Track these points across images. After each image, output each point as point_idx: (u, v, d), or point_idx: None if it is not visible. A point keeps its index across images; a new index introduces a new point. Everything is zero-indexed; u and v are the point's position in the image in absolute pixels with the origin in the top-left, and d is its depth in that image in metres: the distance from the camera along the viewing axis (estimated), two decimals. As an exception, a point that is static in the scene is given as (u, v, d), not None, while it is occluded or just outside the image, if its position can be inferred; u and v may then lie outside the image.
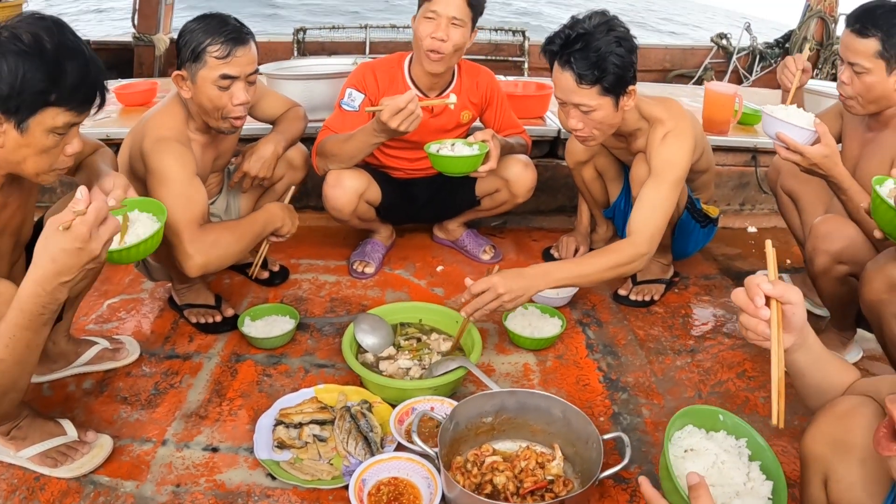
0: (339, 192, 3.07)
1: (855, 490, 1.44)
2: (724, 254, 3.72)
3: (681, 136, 2.69)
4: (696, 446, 1.52)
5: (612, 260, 2.59)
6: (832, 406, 1.51)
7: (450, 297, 3.19)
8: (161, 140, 2.49)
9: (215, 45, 2.44)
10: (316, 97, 3.74)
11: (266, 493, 2.06)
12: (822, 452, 1.49)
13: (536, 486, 1.93)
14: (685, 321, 3.07)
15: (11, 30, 1.71)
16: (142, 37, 6.39)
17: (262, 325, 2.78)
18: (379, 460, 2.04)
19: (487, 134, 2.96)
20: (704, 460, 1.48)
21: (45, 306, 1.69)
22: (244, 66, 2.51)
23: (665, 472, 1.42)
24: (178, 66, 2.54)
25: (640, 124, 2.79)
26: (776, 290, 1.44)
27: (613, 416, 2.43)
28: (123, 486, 2.07)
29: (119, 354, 2.63)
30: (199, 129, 2.65)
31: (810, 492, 1.54)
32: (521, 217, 4.04)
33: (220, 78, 2.47)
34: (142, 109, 4.11)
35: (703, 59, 7.06)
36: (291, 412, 2.26)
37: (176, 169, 2.46)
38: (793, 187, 2.98)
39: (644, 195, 2.68)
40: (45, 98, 1.73)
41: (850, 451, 1.44)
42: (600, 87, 2.51)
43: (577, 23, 2.54)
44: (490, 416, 2.15)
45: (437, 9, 2.89)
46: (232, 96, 2.51)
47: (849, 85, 2.49)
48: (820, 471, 1.50)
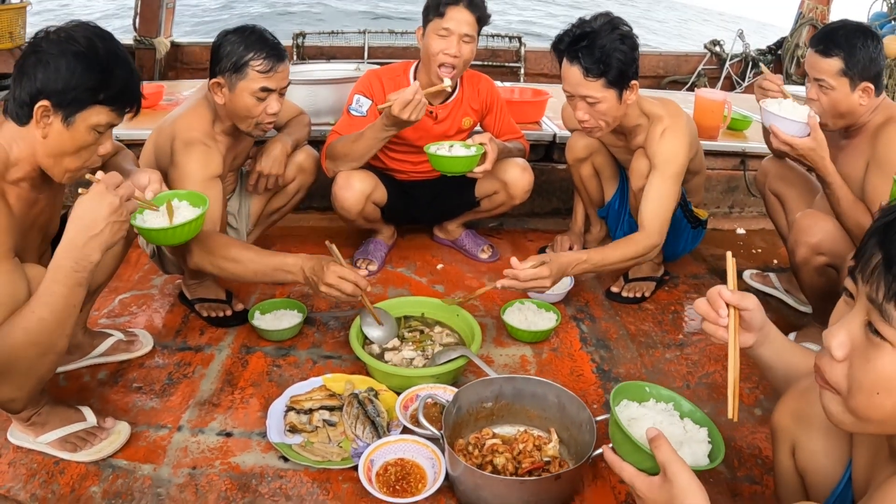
0: (348, 194, 3.18)
1: (817, 456, 1.56)
2: (712, 254, 3.83)
3: (678, 132, 2.87)
4: (634, 415, 1.67)
5: (631, 251, 2.85)
6: (797, 384, 1.64)
7: (449, 293, 3.29)
8: (191, 142, 2.61)
9: (258, 60, 2.58)
10: (320, 101, 3.85)
11: (279, 473, 2.15)
12: (787, 424, 1.62)
13: (534, 466, 2.04)
14: (675, 317, 3.18)
15: (68, 32, 1.87)
16: (143, 40, 6.43)
17: (271, 319, 2.88)
18: (386, 442, 2.16)
19: (485, 137, 3.07)
20: (646, 424, 1.62)
21: (77, 262, 1.84)
22: (281, 80, 2.67)
23: (620, 437, 1.55)
24: (212, 73, 2.65)
25: (640, 121, 2.94)
26: (734, 298, 1.57)
27: (606, 404, 2.54)
28: (141, 469, 2.14)
29: (133, 346, 2.72)
30: (224, 131, 2.77)
31: (780, 459, 1.66)
32: (518, 219, 4.15)
33: (259, 90, 2.61)
34: (149, 112, 4.20)
35: (696, 66, 7.11)
36: (302, 399, 2.36)
37: (197, 170, 2.57)
38: (779, 189, 3.10)
39: (649, 191, 2.89)
40: (96, 96, 1.89)
41: (811, 422, 1.56)
42: (605, 81, 2.71)
43: (584, 23, 2.75)
44: (490, 402, 2.26)
45: (451, 26, 3.00)
46: (266, 106, 2.66)
47: (816, 101, 2.63)
48: (787, 441, 1.63)
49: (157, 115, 4.00)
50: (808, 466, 1.59)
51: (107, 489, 2.07)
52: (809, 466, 1.58)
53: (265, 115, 2.67)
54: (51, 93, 1.85)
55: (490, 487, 1.93)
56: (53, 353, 1.89)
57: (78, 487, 2.07)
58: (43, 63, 1.85)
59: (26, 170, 1.98)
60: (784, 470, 1.67)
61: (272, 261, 2.56)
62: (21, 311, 1.81)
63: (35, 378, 1.90)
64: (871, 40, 2.53)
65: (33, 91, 1.86)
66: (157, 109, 4.27)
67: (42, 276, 1.86)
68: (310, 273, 2.50)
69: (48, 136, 1.91)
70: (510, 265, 2.64)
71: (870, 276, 1.11)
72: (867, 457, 1.42)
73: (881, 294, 1.08)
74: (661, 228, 2.88)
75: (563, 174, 4.10)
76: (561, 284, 3.20)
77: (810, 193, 3.03)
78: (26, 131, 1.92)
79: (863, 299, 1.14)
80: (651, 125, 2.92)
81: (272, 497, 2.07)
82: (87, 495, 2.04)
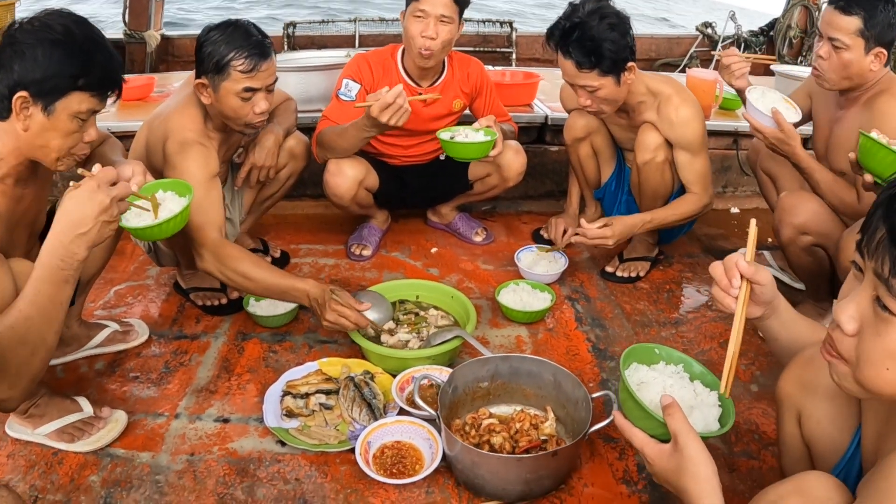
0: (339, 180, 3.18)
1: (824, 424, 1.55)
2: (707, 234, 3.84)
3: (692, 106, 2.95)
4: (644, 379, 1.67)
5: (689, 210, 3.08)
6: (803, 352, 1.63)
7: (444, 276, 3.29)
8: (186, 143, 2.55)
9: (240, 60, 2.50)
10: (311, 89, 3.85)
11: (276, 458, 2.16)
12: (792, 392, 1.61)
13: (531, 444, 2.05)
14: (670, 296, 3.18)
15: (42, 20, 1.85)
16: (133, 34, 6.38)
17: (266, 305, 2.87)
18: (382, 424, 2.16)
19: (490, 120, 3.08)
20: (656, 388, 1.62)
21: (63, 259, 1.77)
22: (266, 78, 2.58)
23: (631, 403, 1.55)
24: (198, 73, 2.59)
25: (644, 97, 2.98)
26: (749, 270, 1.54)
27: (602, 382, 2.55)
28: (139, 457, 2.15)
29: (129, 336, 2.71)
30: (216, 129, 2.73)
31: (785, 429, 1.65)
32: (511, 201, 4.14)
33: (243, 91, 2.54)
34: (140, 104, 4.22)
35: (688, 48, 7.08)
36: (298, 383, 2.36)
37: (196, 172, 2.51)
38: (770, 168, 3.12)
39: (687, 165, 3.04)
40: (75, 82, 1.86)
41: (817, 390, 1.56)
42: (599, 71, 2.74)
43: (572, 12, 2.76)
44: (486, 381, 2.26)
45: (426, 8, 2.99)
46: (254, 106, 2.59)
47: (826, 60, 2.61)
48: (793, 409, 1.62)
49: (147, 106, 4.01)
50: (814, 435, 1.58)
51: (106, 478, 2.07)
52: (815, 435, 1.58)
53: (253, 115, 2.61)
54: (29, 83, 1.83)
55: (488, 465, 1.93)
56: (44, 350, 1.84)
57: (77, 477, 2.07)
58: (19, 54, 1.82)
59: (11, 164, 1.96)
60: (789, 439, 1.66)
61: (282, 283, 2.53)
62: (8, 310, 1.77)
63: (27, 377, 1.85)
64: (891, 5, 2.52)
65: (11, 83, 1.84)
66: (148, 101, 4.27)
67: (29, 272, 1.82)
68: (314, 302, 2.49)
69: (29, 129, 1.89)
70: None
71: (875, 251, 1.11)
72: (877, 425, 1.42)
73: (887, 269, 1.08)
74: (709, 188, 3.09)
75: (556, 156, 4.11)
76: (555, 264, 3.23)
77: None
78: (8, 125, 1.90)
79: (870, 274, 1.14)
80: (660, 103, 2.96)
81: (270, 481, 2.07)
82: (87, 485, 2.04)
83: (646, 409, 1.50)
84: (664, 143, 2.99)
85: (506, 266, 3.39)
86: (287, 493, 2.03)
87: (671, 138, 2.98)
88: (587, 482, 2.09)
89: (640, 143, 3.02)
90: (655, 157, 3.00)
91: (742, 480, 2.12)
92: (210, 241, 2.51)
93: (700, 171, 3.04)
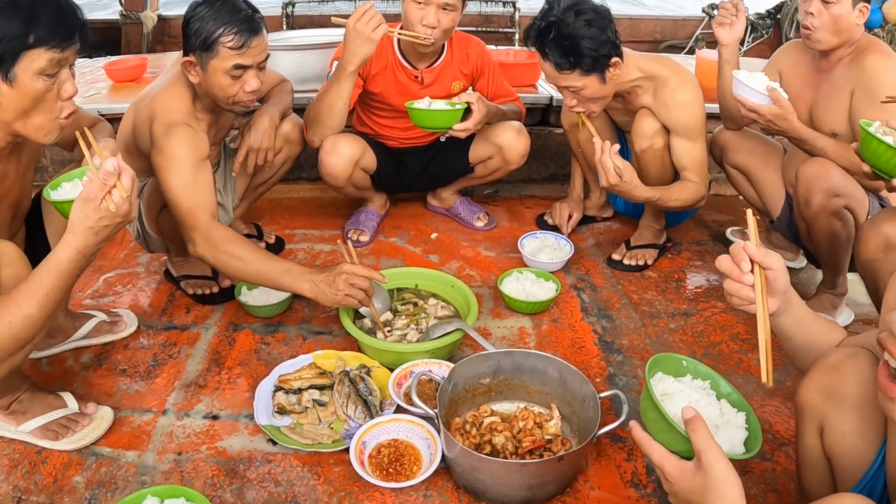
0: (335, 159, 3.08)
1: (849, 437, 1.46)
2: (715, 220, 3.74)
3: (690, 90, 2.86)
4: (668, 390, 1.55)
5: (690, 197, 2.94)
6: (825, 357, 1.53)
7: (444, 263, 3.21)
8: (172, 124, 2.46)
9: (229, 36, 2.39)
10: (307, 68, 3.75)
11: (267, 458, 2.07)
12: (815, 402, 1.51)
13: (535, 445, 1.95)
14: (678, 285, 3.09)
15: None
16: (129, 14, 6.34)
17: (258, 294, 2.79)
18: (378, 422, 2.07)
19: (473, 97, 2.96)
20: (680, 401, 1.51)
21: (81, 269, 1.81)
22: (257, 55, 2.48)
23: (654, 414, 1.44)
24: (185, 51, 2.48)
25: (638, 82, 2.88)
26: (759, 254, 1.44)
27: (609, 378, 2.46)
28: (125, 457, 2.08)
29: (117, 327, 2.64)
30: (205, 109, 2.63)
31: (806, 441, 1.56)
32: (514, 185, 4.05)
33: (233, 68, 2.44)
34: (132, 85, 4.13)
35: (694, 30, 7.01)
36: (290, 378, 2.28)
37: (184, 154, 2.43)
38: (740, 161, 3.09)
39: (683, 153, 2.92)
40: (24, 41, 1.74)
41: (843, 399, 1.46)
42: (580, 71, 2.66)
43: (548, 11, 2.67)
44: (487, 378, 2.17)
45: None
46: (244, 83, 2.49)
47: (816, 17, 2.58)
48: (815, 420, 1.52)
49: (140, 88, 3.87)
50: (836, 448, 1.49)
51: (90, 478, 2.00)
52: (838, 448, 1.48)
53: (243, 93, 2.51)
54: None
55: (489, 470, 1.84)
56: (31, 345, 1.85)
57: (61, 477, 2.01)
58: None
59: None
60: (810, 452, 1.57)
61: (279, 265, 2.42)
62: (5, 303, 1.74)
63: (8, 367, 1.83)
64: None
65: None
66: (141, 82, 4.17)
67: (13, 253, 1.80)
68: (321, 284, 2.36)
69: (1, 104, 1.80)
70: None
71: None
72: None
73: None
74: (706, 178, 2.99)
75: (561, 138, 3.98)
76: (560, 252, 3.13)
77: (774, 156, 3.03)
78: None
79: None
80: (657, 86, 2.86)
81: (260, 483, 1.99)
82: (71, 485, 1.98)
83: (670, 421, 1.39)
84: (662, 129, 2.90)
85: (508, 253, 3.30)
86: (278, 496, 1.95)
87: (667, 123, 2.89)
88: (593, 485, 1.99)
89: (636, 130, 2.94)
90: (653, 144, 2.91)
91: (755, 483, 2.03)
92: (201, 224, 2.43)
93: (697, 159, 2.93)
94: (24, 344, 1.79)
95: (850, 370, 1.47)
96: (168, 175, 2.43)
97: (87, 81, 4.21)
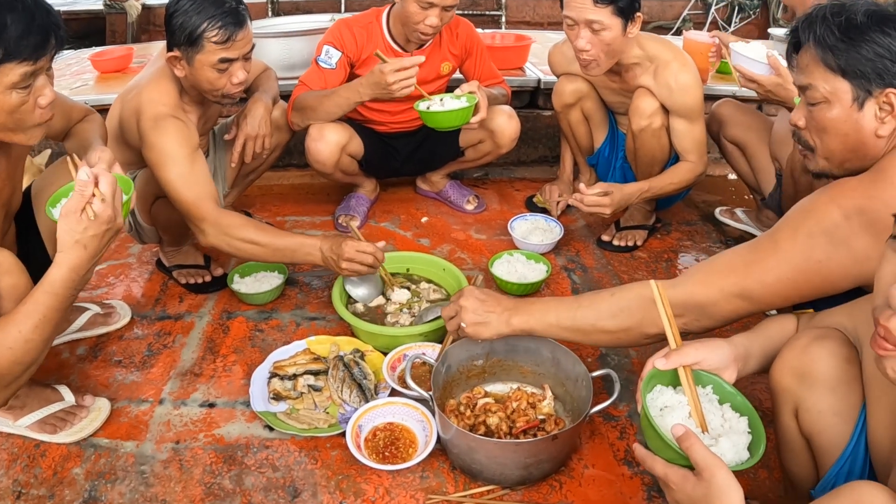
0: (321, 146, 3.07)
1: (825, 416, 1.47)
2: (704, 200, 3.75)
3: (690, 72, 2.85)
4: (668, 403, 1.53)
5: (685, 178, 2.98)
6: (795, 339, 1.54)
7: (435, 247, 3.21)
8: (160, 117, 2.43)
9: (213, 31, 2.37)
10: (295, 55, 3.74)
11: (265, 444, 2.09)
12: (789, 384, 1.52)
13: (528, 425, 1.97)
14: (668, 266, 3.10)
15: None
16: (113, 4, 6.31)
17: (251, 282, 2.79)
18: (374, 406, 2.08)
19: (473, 85, 2.96)
20: (680, 413, 1.50)
21: (76, 288, 1.78)
22: (242, 47, 2.46)
23: (651, 432, 1.44)
24: (170, 46, 2.46)
25: (638, 59, 2.87)
26: (671, 361, 1.53)
27: (601, 357, 2.47)
28: (123, 447, 2.08)
29: (111, 319, 2.64)
30: (192, 102, 2.63)
31: (783, 422, 1.57)
32: (503, 168, 4.06)
33: (219, 62, 2.42)
34: (118, 76, 4.11)
35: (681, 11, 7.02)
36: (285, 364, 2.28)
37: (177, 148, 2.42)
38: (737, 135, 3.13)
39: (683, 133, 2.95)
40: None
41: (816, 380, 1.47)
42: (615, 7, 2.62)
43: None
44: (481, 359, 2.18)
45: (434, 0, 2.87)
46: (231, 76, 2.48)
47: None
48: (790, 402, 1.53)
49: (126, 79, 3.88)
50: (814, 428, 1.50)
51: (90, 470, 2.01)
52: (816, 427, 1.49)
53: (230, 85, 2.51)
54: None
55: (484, 450, 1.85)
56: (35, 364, 1.81)
57: (60, 470, 2.01)
58: None
59: None
60: (787, 434, 1.58)
61: (291, 241, 2.50)
62: (4, 327, 1.71)
63: (13, 388, 1.82)
64: None
65: None
66: (126, 73, 4.16)
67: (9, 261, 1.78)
68: (328, 252, 2.45)
69: None
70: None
71: None
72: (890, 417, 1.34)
73: None
74: (704, 156, 3.01)
75: (550, 121, 4.01)
76: (550, 233, 3.14)
77: (767, 133, 3.06)
78: None
79: None
80: (657, 67, 2.85)
81: (258, 468, 2.00)
82: (70, 477, 1.98)
83: (667, 440, 1.39)
84: (660, 109, 2.90)
85: (499, 235, 3.31)
86: (276, 481, 1.96)
87: (668, 105, 2.89)
88: (587, 463, 2.02)
89: (635, 109, 2.93)
90: (652, 124, 2.91)
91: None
92: (209, 213, 2.44)
93: (697, 139, 2.95)
94: (27, 367, 1.77)
95: (821, 351, 1.48)
96: (165, 171, 2.42)
97: (73, 73, 4.19)
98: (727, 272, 1.72)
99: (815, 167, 1.74)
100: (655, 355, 1.55)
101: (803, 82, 1.64)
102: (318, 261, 2.48)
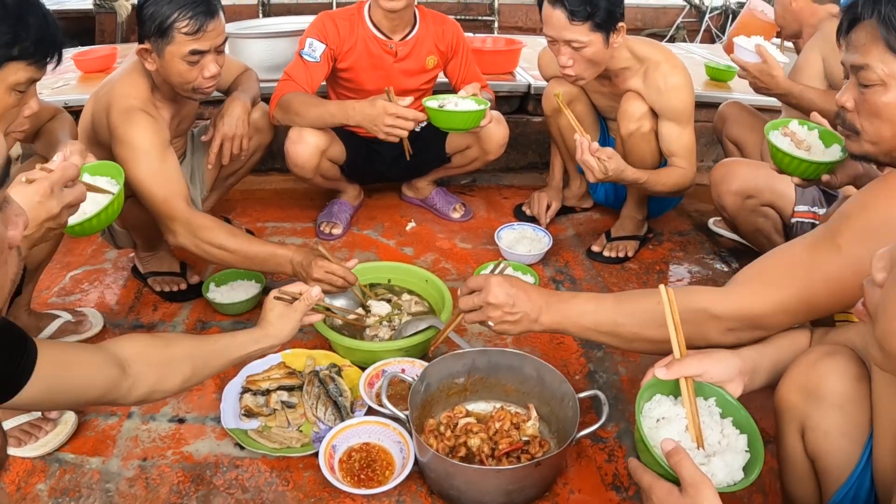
0: (300, 149, 3.00)
1: (832, 437, 1.40)
2: (697, 210, 3.68)
3: (681, 74, 2.81)
4: (666, 414, 1.46)
5: (678, 181, 2.87)
6: (803, 356, 1.48)
7: (419, 256, 3.14)
8: (130, 111, 2.37)
9: (183, 21, 2.30)
10: (279, 55, 3.67)
11: (235, 463, 2.01)
12: (795, 401, 1.45)
13: (512, 447, 1.87)
14: (660, 277, 3.04)
15: None
16: (103, 4, 6.27)
17: (227, 291, 2.72)
18: (349, 425, 2.00)
19: (475, 87, 2.91)
20: (677, 426, 1.43)
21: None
22: (214, 38, 2.39)
23: (642, 445, 1.37)
24: (140, 38, 2.40)
25: (629, 63, 2.82)
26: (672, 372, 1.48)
27: (589, 374, 2.40)
28: (89, 463, 2.02)
29: (82, 327, 2.57)
30: (165, 98, 2.55)
31: (787, 442, 1.50)
32: (492, 174, 3.99)
33: (189, 54, 2.35)
34: (101, 76, 4.00)
35: (675, 19, 7.03)
36: (258, 379, 2.20)
37: (147, 141, 2.36)
38: (737, 135, 3.14)
39: (673, 138, 2.86)
40: (9, 52, 1.67)
41: (824, 398, 1.41)
42: (592, 24, 2.57)
43: None
44: (462, 377, 2.09)
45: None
46: (203, 69, 2.41)
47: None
48: (795, 420, 1.46)
49: (108, 78, 3.82)
50: (820, 448, 1.43)
51: (54, 486, 1.94)
52: (822, 448, 1.42)
53: (202, 79, 2.43)
54: None
55: (463, 476, 1.77)
56: None
57: (24, 485, 1.94)
58: None
59: None
60: (792, 453, 1.51)
61: (262, 250, 2.45)
62: None
63: None
64: None
65: None
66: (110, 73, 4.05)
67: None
68: (298, 267, 2.40)
69: None
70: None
71: None
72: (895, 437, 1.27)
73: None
74: (694, 164, 2.93)
75: (539, 127, 3.94)
76: (538, 243, 3.07)
77: (761, 137, 2.98)
78: None
79: None
80: (647, 69, 2.79)
81: (227, 489, 1.92)
82: (34, 493, 1.92)
83: (655, 455, 1.31)
84: (649, 112, 2.84)
85: (485, 244, 3.24)
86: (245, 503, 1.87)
87: (657, 107, 2.83)
88: (573, 488, 1.93)
89: (623, 113, 2.87)
90: (640, 127, 2.85)
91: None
92: (180, 213, 2.37)
93: (686, 145, 2.87)
94: None
95: (831, 368, 1.41)
96: (135, 166, 2.34)
97: (55, 72, 4.10)
98: (786, 280, 1.59)
99: (859, 150, 1.62)
100: (657, 363, 1.49)
101: (858, 62, 1.51)
102: (289, 272, 2.43)
